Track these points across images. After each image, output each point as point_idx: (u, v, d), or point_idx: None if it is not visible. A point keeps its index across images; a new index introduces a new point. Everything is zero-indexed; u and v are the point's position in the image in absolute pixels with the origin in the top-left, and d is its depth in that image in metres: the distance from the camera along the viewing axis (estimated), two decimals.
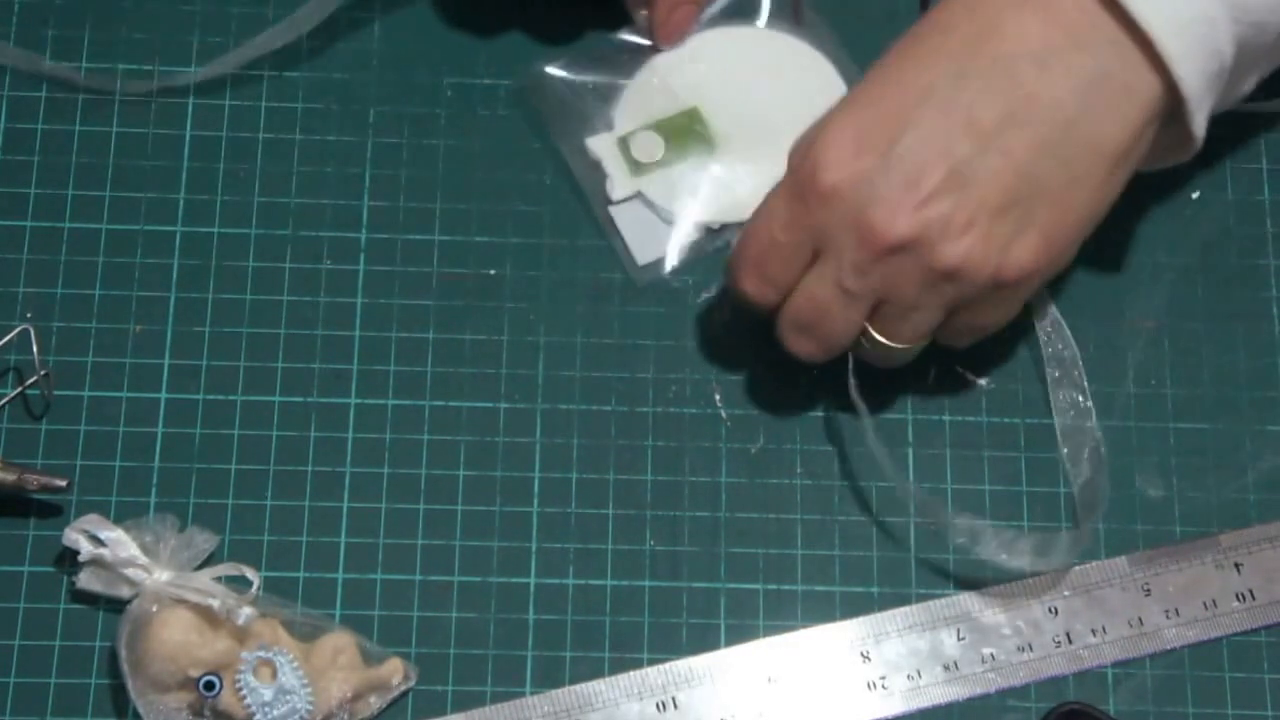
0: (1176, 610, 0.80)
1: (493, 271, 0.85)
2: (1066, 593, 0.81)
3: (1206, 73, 0.74)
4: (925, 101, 0.74)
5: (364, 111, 0.87)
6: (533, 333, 0.84)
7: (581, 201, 0.85)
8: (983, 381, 0.84)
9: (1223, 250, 0.86)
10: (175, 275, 0.85)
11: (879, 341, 0.78)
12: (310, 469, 0.82)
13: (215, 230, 0.85)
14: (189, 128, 0.87)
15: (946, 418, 0.83)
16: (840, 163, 0.74)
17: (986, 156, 0.73)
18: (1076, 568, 0.81)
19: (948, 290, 0.75)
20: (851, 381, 0.80)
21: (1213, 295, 0.85)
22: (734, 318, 0.84)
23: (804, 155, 0.75)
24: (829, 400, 0.83)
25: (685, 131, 0.85)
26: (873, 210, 0.73)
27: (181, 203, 0.86)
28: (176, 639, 0.76)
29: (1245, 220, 0.87)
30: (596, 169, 0.85)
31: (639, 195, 0.85)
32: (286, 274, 0.85)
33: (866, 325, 0.77)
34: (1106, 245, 0.86)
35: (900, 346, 0.78)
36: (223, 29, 0.88)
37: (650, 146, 0.85)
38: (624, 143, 0.85)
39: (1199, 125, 0.76)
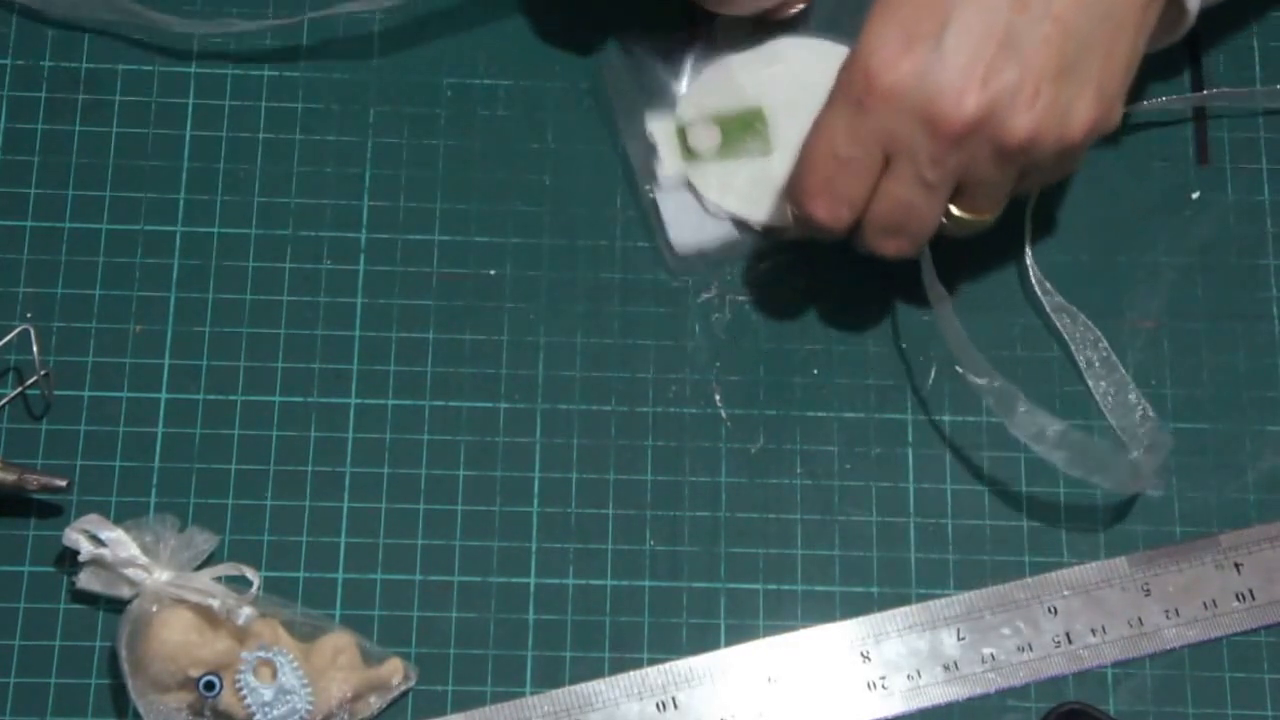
0: (1176, 610, 0.80)
1: (493, 271, 0.85)
2: (1066, 593, 0.81)
3: None
4: None
5: (364, 111, 0.87)
6: (533, 333, 0.84)
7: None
8: (983, 381, 0.84)
9: (1223, 250, 0.86)
10: (175, 275, 0.85)
11: (957, 218, 0.78)
12: (310, 469, 0.82)
13: (215, 230, 0.85)
14: (189, 128, 0.87)
15: (946, 418, 0.83)
16: (893, 61, 0.74)
17: (1036, 24, 0.74)
18: (1076, 567, 0.81)
19: (1020, 161, 0.76)
20: (927, 268, 0.81)
21: (1213, 295, 0.85)
22: (735, 318, 0.84)
23: (851, 65, 0.75)
24: (829, 400, 0.83)
25: (745, 129, 0.85)
26: (938, 99, 0.74)
27: (181, 203, 0.86)
28: (176, 639, 0.76)
29: (1245, 220, 0.87)
30: (651, 151, 0.85)
31: (688, 186, 0.85)
32: (286, 274, 0.85)
33: (950, 206, 0.78)
34: (1107, 245, 0.86)
35: (979, 218, 0.78)
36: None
37: (707, 137, 0.85)
38: (682, 130, 0.85)
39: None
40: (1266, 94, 0.87)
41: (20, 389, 0.82)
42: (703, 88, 0.86)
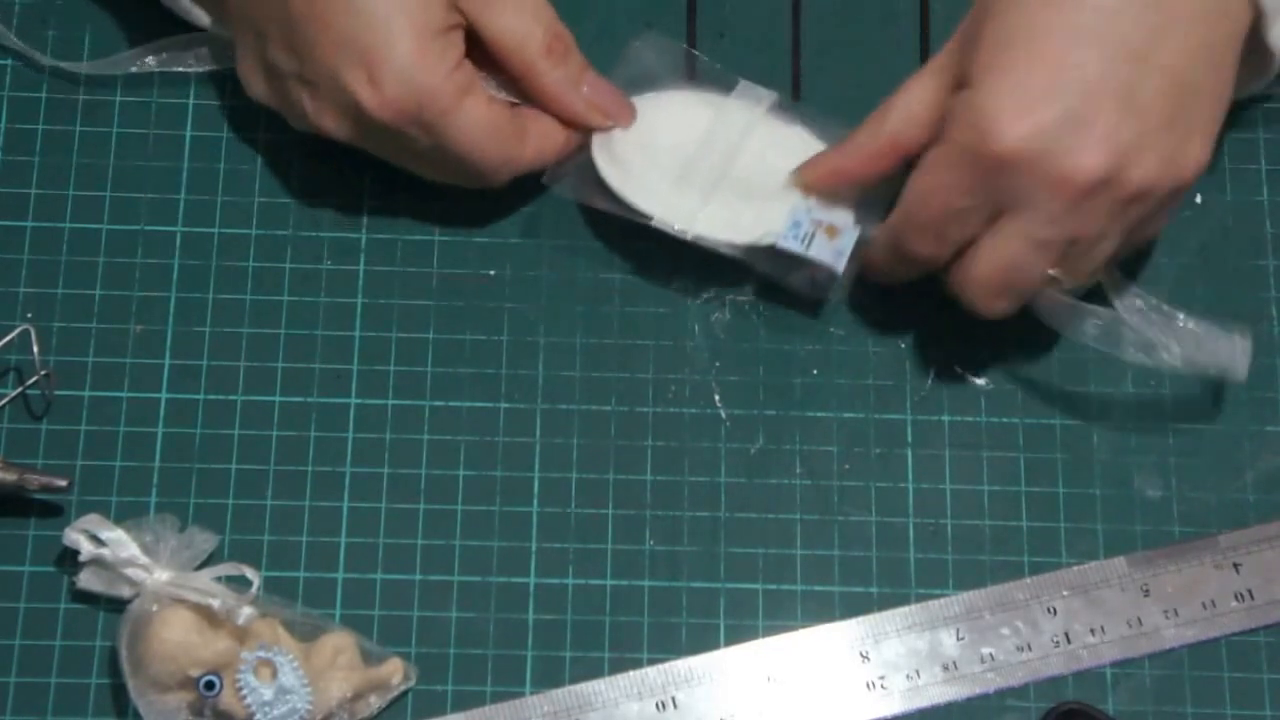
0: (1175, 610, 0.80)
1: (492, 272, 0.85)
2: (1065, 593, 0.81)
3: None
4: (1077, 42, 0.74)
5: None
6: (533, 333, 0.84)
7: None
8: (982, 381, 0.84)
9: (1223, 250, 0.86)
10: (175, 275, 0.85)
11: (1057, 281, 0.78)
12: (310, 469, 0.82)
13: (215, 230, 0.85)
14: (189, 128, 0.87)
15: (946, 418, 0.83)
16: (1014, 124, 0.74)
17: (1149, 77, 0.74)
18: (1075, 567, 0.81)
19: (1132, 213, 0.76)
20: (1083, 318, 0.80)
21: (1213, 295, 0.85)
22: (734, 318, 0.84)
23: (970, 122, 0.75)
24: (829, 400, 0.83)
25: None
26: (1061, 159, 0.73)
27: (181, 203, 0.86)
28: (176, 639, 0.76)
29: (1245, 220, 0.87)
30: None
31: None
32: (287, 274, 0.85)
33: (1050, 270, 0.77)
34: None
35: (1079, 282, 0.78)
36: None
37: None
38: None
39: (1276, 38, 0.77)
40: None
41: (20, 389, 0.82)
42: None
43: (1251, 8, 0.76)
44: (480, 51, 0.80)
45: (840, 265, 0.81)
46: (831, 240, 0.81)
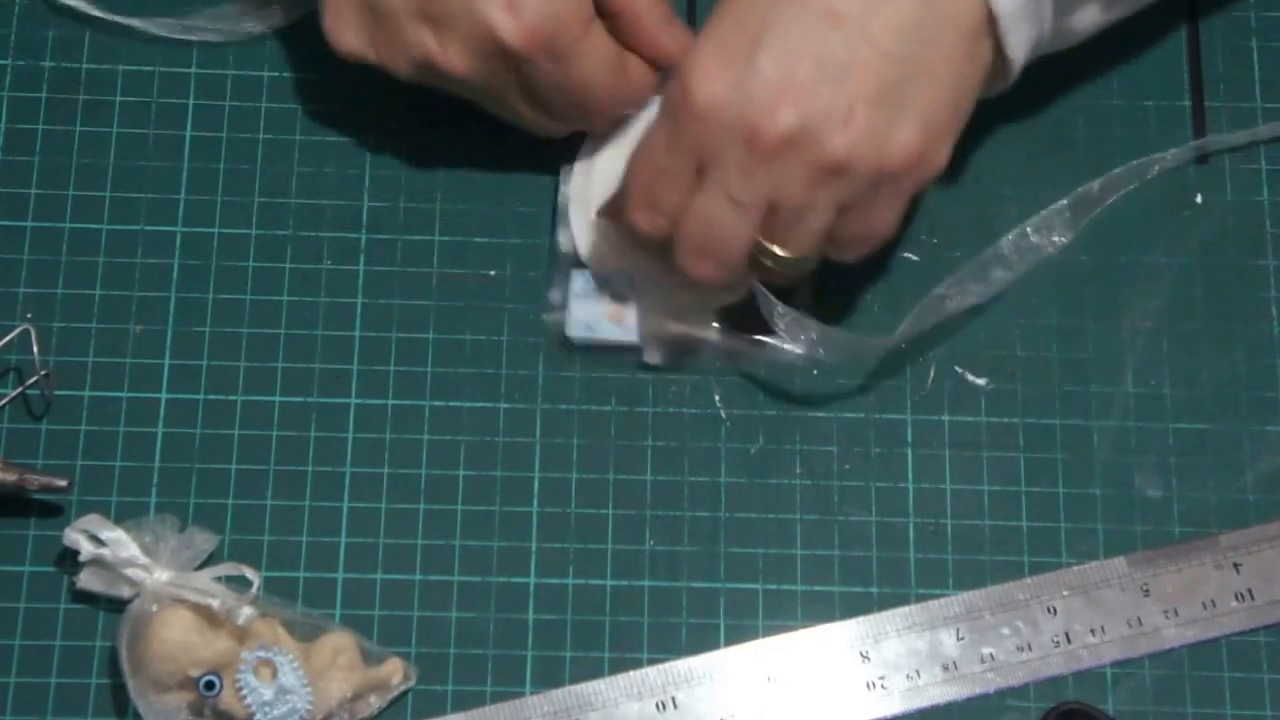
0: (1175, 610, 0.80)
1: (493, 272, 0.85)
2: (1065, 593, 0.81)
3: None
4: (783, 3, 0.74)
5: (364, 112, 0.87)
6: (533, 333, 0.84)
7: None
8: (982, 381, 0.84)
9: (1223, 250, 0.86)
10: (175, 275, 0.85)
11: (773, 253, 0.77)
12: (310, 469, 0.82)
13: (215, 230, 0.85)
14: (189, 128, 0.87)
15: (946, 418, 0.83)
16: (710, 76, 0.74)
17: (854, 45, 0.73)
18: (1075, 567, 0.81)
19: (835, 187, 0.75)
20: (764, 300, 0.80)
21: (1212, 295, 0.85)
22: (732, 317, 0.84)
23: (674, 80, 0.76)
24: (829, 400, 0.83)
25: None
26: (750, 114, 0.74)
27: (181, 203, 0.86)
28: (176, 639, 0.76)
29: (1245, 220, 0.87)
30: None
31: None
32: (287, 274, 0.85)
33: (760, 239, 0.77)
34: (1107, 245, 0.86)
35: (794, 257, 0.77)
36: None
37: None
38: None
39: (1014, 48, 0.77)
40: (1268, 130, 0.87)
41: (20, 389, 0.82)
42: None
43: (980, 4, 0.75)
44: None
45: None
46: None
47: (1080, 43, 0.82)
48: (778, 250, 0.77)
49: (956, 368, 0.84)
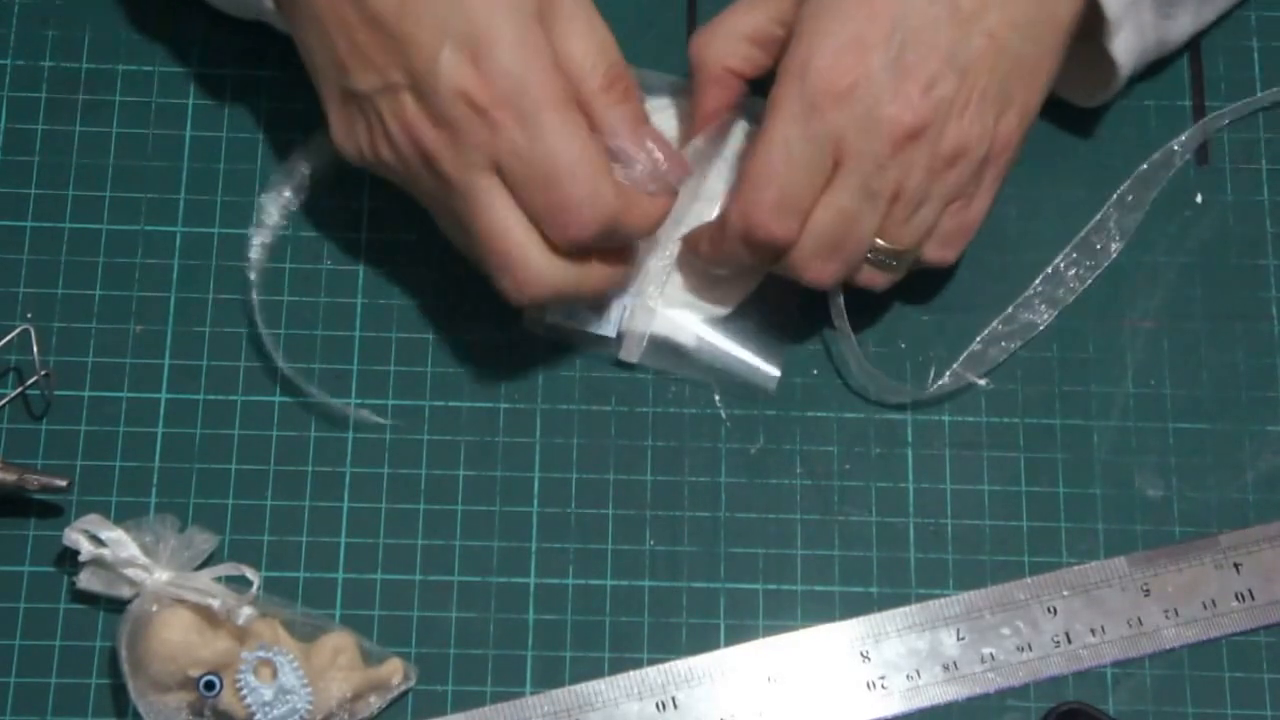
0: (1176, 610, 0.80)
1: None
2: (1065, 593, 0.81)
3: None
4: None
5: None
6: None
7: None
8: (982, 381, 0.84)
9: (1223, 250, 0.86)
10: (175, 275, 0.85)
11: (883, 248, 0.78)
12: (310, 469, 0.82)
13: (215, 230, 0.85)
14: (189, 128, 0.87)
15: (946, 418, 0.83)
16: (849, 65, 0.76)
17: (972, 39, 0.77)
18: (1075, 567, 0.81)
19: (949, 176, 0.77)
20: (838, 303, 0.82)
21: (1213, 295, 0.85)
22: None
23: (802, 72, 0.76)
24: (829, 400, 0.83)
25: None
26: (888, 102, 0.76)
27: (181, 203, 0.86)
28: (176, 639, 0.76)
29: (1245, 220, 0.87)
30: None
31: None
32: (286, 274, 0.85)
33: (874, 246, 0.79)
34: None
35: (903, 249, 0.79)
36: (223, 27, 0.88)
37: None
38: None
39: (1120, 53, 0.81)
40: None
41: (20, 389, 0.82)
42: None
43: (1078, 4, 0.79)
44: None
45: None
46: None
47: (1175, 50, 0.86)
48: (890, 245, 0.79)
49: (956, 368, 0.84)
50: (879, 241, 0.78)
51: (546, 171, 0.75)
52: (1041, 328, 0.84)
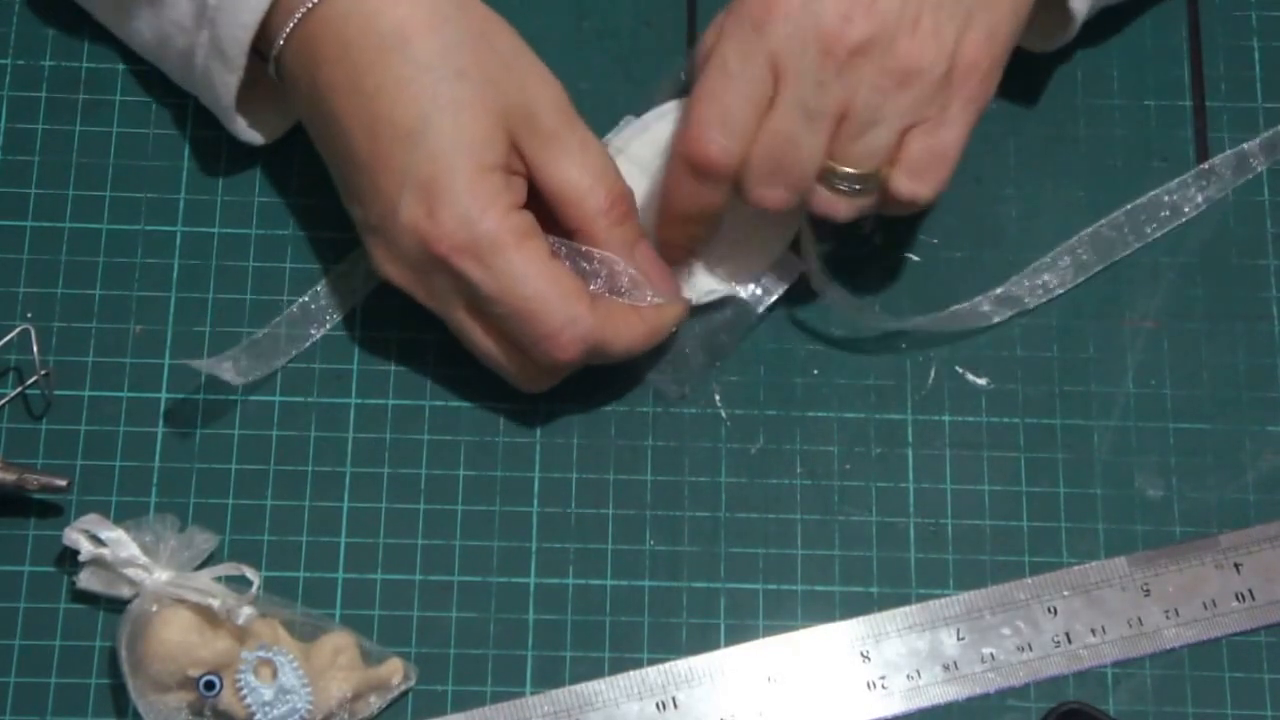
0: (1176, 610, 0.80)
1: None
2: (1066, 593, 0.81)
3: None
4: None
5: None
6: None
7: None
8: (983, 381, 0.84)
9: (1223, 250, 0.86)
10: (175, 275, 0.85)
11: (840, 172, 0.77)
12: (310, 469, 0.82)
13: (215, 230, 0.85)
14: (189, 128, 0.87)
15: (946, 418, 0.83)
16: None
17: None
18: (1076, 567, 0.81)
19: (904, 96, 0.76)
20: (814, 258, 0.82)
21: (1213, 295, 0.85)
22: (735, 317, 0.84)
23: None
24: (829, 400, 0.83)
25: None
26: (828, 18, 0.75)
27: (181, 203, 0.86)
28: (176, 639, 0.76)
29: (1245, 220, 0.87)
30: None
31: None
32: (287, 274, 0.85)
33: (828, 161, 0.77)
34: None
35: (859, 172, 0.77)
36: None
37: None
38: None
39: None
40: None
41: (20, 389, 0.82)
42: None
43: None
44: (537, 210, 0.79)
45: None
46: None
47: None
48: (846, 169, 0.77)
49: (957, 368, 0.84)
50: (832, 164, 0.77)
51: (518, 307, 0.77)
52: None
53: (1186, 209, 0.86)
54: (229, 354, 0.81)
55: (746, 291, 0.83)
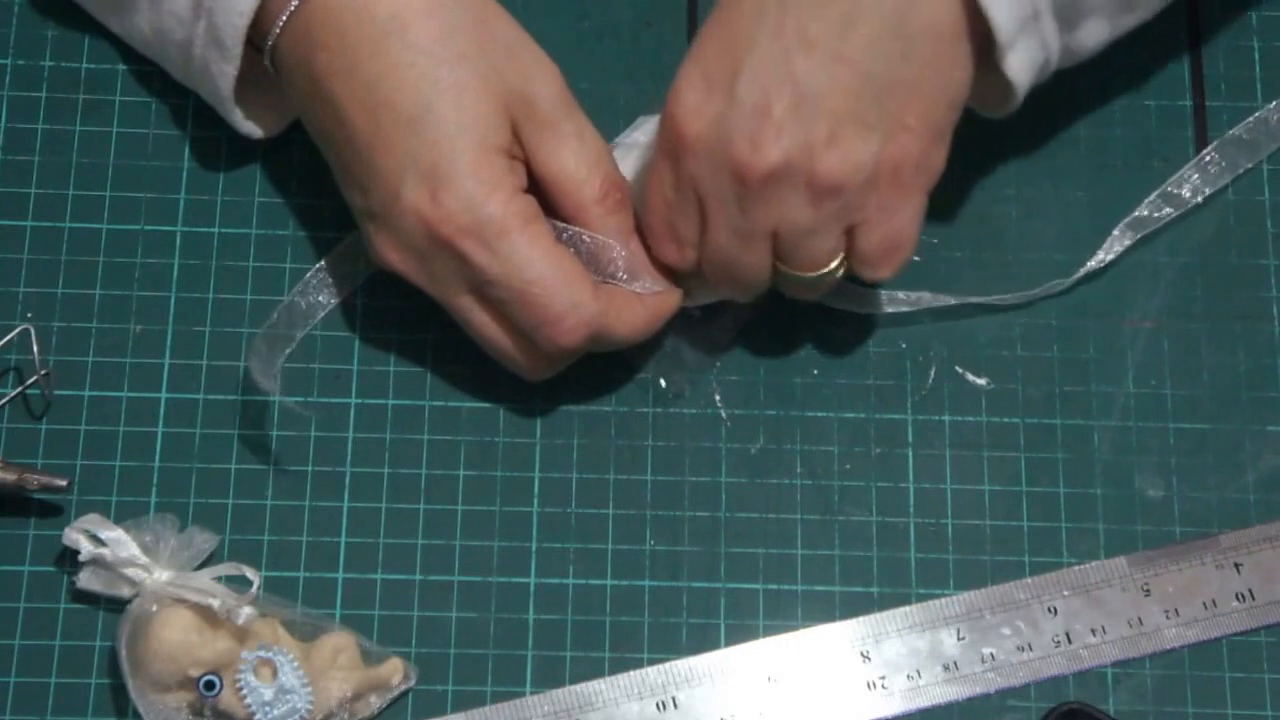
0: (1176, 610, 0.80)
1: None
2: (1066, 593, 0.81)
3: (1018, 15, 0.75)
4: (757, 28, 0.74)
5: None
6: None
7: None
8: (983, 381, 0.84)
9: (1223, 250, 0.86)
10: (175, 275, 0.85)
11: (794, 276, 0.77)
12: (310, 469, 0.82)
13: (215, 230, 0.85)
14: (189, 128, 0.87)
15: (946, 418, 0.83)
16: (694, 110, 0.75)
17: (827, 67, 0.73)
18: (1076, 567, 0.81)
19: (834, 207, 0.75)
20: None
21: (1213, 295, 0.85)
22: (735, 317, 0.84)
23: (665, 113, 0.76)
24: (829, 400, 0.83)
25: None
26: (735, 148, 0.74)
27: (181, 203, 0.86)
28: (176, 639, 0.76)
29: (1245, 220, 0.87)
30: None
31: None
32: (287, 274, 0.85)
33: (779, 264, 0.77)
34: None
35: (811, 275, 0.77)
36: None
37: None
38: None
39: (1014, 68, 0.76)
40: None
41: (20, 389, 0.82)
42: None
43: (956, 6, 0.75)
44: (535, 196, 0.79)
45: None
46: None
47: (1089, 58, 0.81)
48: (798, 273, 0.77)
49: (957, 368, 0.84)
50: (785, 269, 0.77)
51: (522, 291, 0.76)
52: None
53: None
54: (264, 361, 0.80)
55: None
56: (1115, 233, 0.84)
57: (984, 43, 0.76)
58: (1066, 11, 0.77)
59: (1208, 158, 0.85)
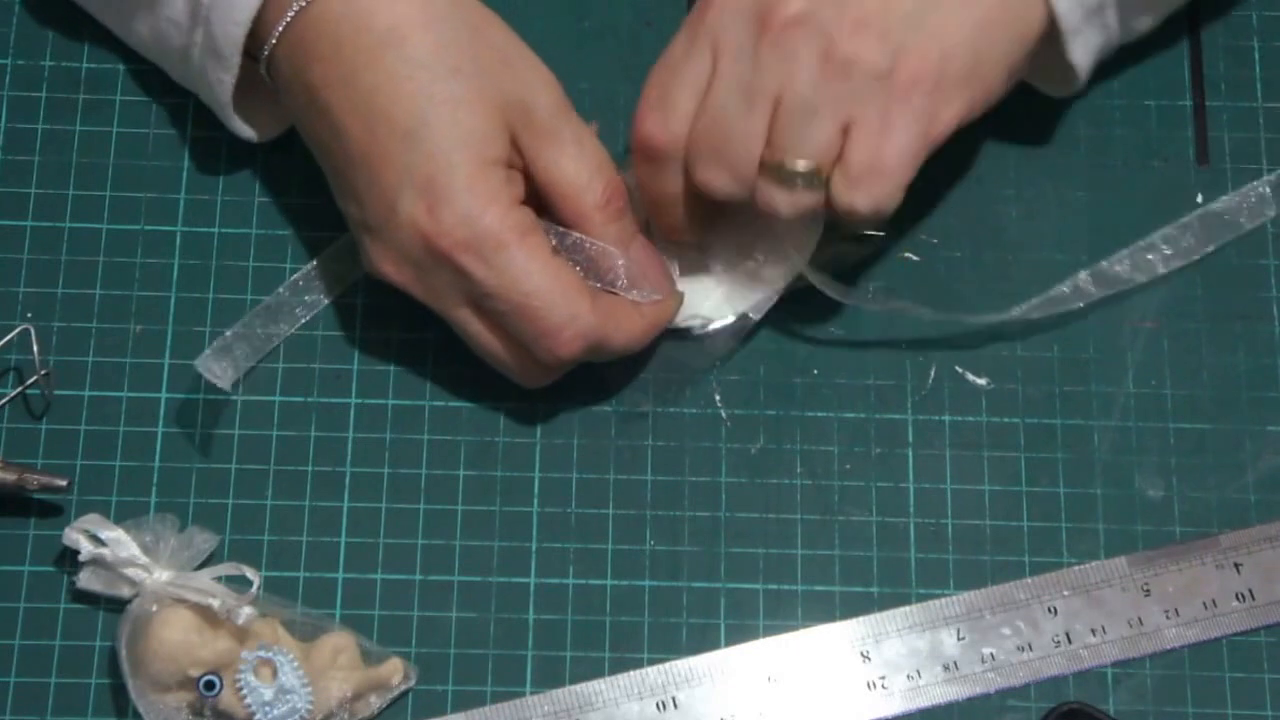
0: (1176, 610, 0.80)
1: None
2: (1066, 593, 0.81)
3: (1084, 5, 0.78)
4: None
5: None
6: None
7: None
8: (983, 381, 0.84)
9: (1223, 250, 0.86)
10: (175, 275, 0.85)
11: (785, 168, 0.76)
12: (310, 469, 0.82)
13: (215, 230, 0.85)
14: (189, 128, 0.87)
15: (946, 418, 0.83)
16: None
17: None
18: (1076, 567, 0.81)
19: (841, 88, 0.75)
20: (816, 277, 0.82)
21: (1213, 295, 0.85)
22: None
23: None
24: (829, 400, 0.83)
25: None
26: None
27: (181, 203, 0.86)
28: (176, 639, 0.76)
29: None
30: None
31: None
32: (287, 274, 0.85)
33: (771, 154, 0.76)
34: (1107, 245, 0.85)
35: (799, 168, 0.76)
36: None
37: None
38: None
39: (1077, 53, 0.79)
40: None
41: (20, 389, 0.82)
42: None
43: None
44: (532, 203, 0.79)
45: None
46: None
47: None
48: (790, 164, 0.76)
49: (957, 368, 0.84)
50: (774, 157, 0.77)
51: (520, 304, 0.77)
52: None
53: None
54: (222, 351, 0.81)
55: (747, 304, 0.83)
56: (1082, 276, 0.84)
57: (1050, 27, 0.78)
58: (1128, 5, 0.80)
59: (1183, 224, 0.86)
